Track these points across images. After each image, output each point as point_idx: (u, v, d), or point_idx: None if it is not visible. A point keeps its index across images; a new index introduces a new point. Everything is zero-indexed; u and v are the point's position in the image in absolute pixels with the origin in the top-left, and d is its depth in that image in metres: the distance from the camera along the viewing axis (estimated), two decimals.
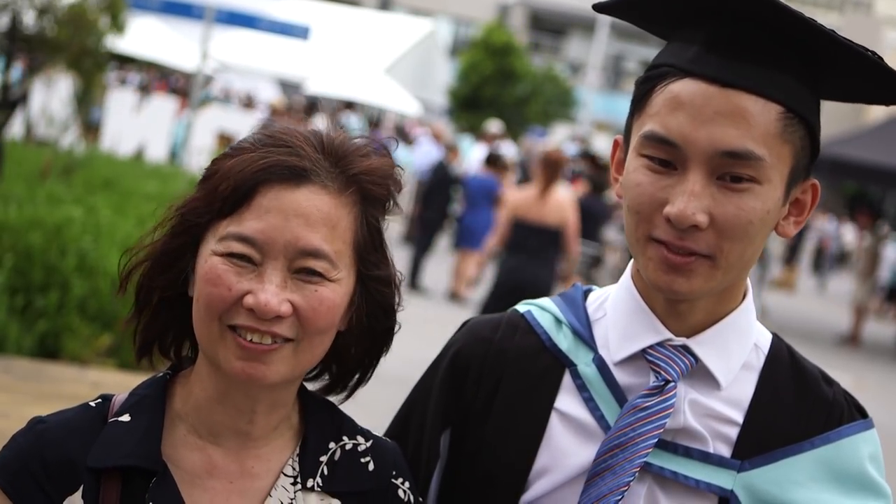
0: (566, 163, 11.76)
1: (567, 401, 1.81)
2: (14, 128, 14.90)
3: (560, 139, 31.07)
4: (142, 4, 15.47)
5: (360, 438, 1.77)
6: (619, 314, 1.82)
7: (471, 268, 15.10)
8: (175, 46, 23.36)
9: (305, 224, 1.61)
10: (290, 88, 27.72)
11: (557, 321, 1.88)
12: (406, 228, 18.84)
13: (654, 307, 1.78)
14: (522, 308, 1.94)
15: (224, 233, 1.61)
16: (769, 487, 1.73)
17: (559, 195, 9.97)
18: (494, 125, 22.61)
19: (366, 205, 1.69)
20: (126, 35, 14.29)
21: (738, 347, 1.79)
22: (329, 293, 1.63)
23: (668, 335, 1.77)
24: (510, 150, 22.39)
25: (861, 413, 1.82)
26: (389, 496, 1.75)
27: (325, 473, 1.71)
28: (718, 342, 1.77)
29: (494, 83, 38.66)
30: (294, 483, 1.69)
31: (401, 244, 17.94)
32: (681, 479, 1.73)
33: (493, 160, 16.44)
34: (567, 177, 18.32)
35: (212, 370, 1.66)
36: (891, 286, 24.99)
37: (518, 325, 1.90)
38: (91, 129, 19.24)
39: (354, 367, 1.79)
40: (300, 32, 16.69)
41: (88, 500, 1.61)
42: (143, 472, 1.62)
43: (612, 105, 43.90)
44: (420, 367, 1.99)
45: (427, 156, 20.10)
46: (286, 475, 1.69)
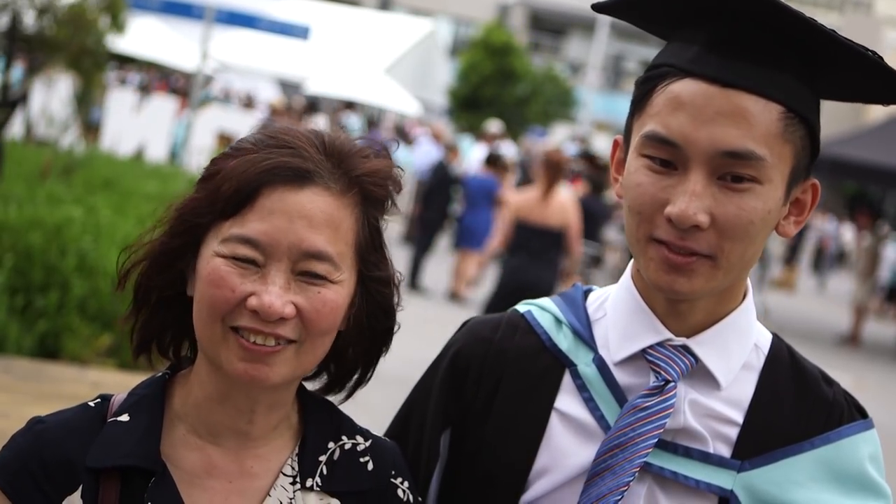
0: (568, 164, 11.79)
1: (567, 401, 1.81)
2: (14, 128, 14.89)
3: (560, 139, 31.05)
4: (142, 4, 15.47)
5: (360, 438, 1.77)
6: (620, 314, 1.82)
7: (471, 268, 15.11)
8: (175, 46, 23.35)
9: (309, 226, 1.61)
10: (290, 88, 27.71)
11: (557, 321, 1.88)
12: (406, 228, 18.83)
13: (655, 307, 1.78)
14: (522, 308, 1.93)
15: (227, 234, 1.61)
16: (769, 487, 1.73)
17: (561, 197, 10.00)
18: (494, 125, 22.61)
19: (367, 206, 1.69)
20: (126, 35, 14.29)
21: (739, 347, 1.79)
22: (332, 295, 1.63)
23: (668, 335, 1.77)
24: (510, 150, 22.39)
25: (861, 413, 1.82)
26: (388, 496, 1.75)
27: (325, 473, 1.70)
28: (718, 342, 1.77)
29: (494, 83, 38.64)
30: (293, 483, 1.69)
31: (401, 244, 17.94)
32: (681, 480, 1.73)
33: (493, 160, 16.45)
34: (566, 177, 18.32)
35: (212, 370, 1.66)
36: (891, 286, 24.99)
37: (518, 325, 1.90)
38: (91, 129, 19.23)
39: (353, 368, 1.79)
40: (300, 32, 16.69)
41: (87, 500, 1.61)
42: (142, 472, 1.62)
43: (612, 105, 43.89)
44: (420, 367, 1.99)
45: (427, 156, 20.10)
46: (285, 475, 1.69)
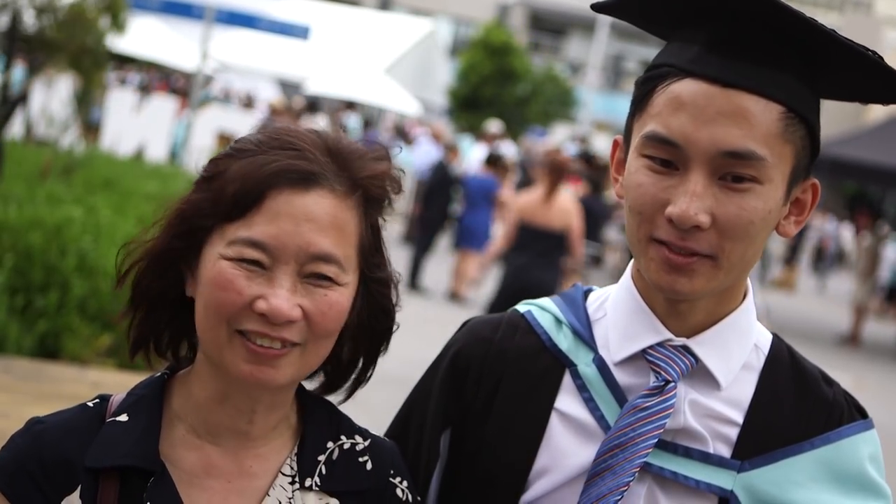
0: (570, 166, 11.84)
1: (567, 401, 1.81)
2: (14, 128, 14.89)
3: (560, 139, 31.05)
4: (142, 4, 15.45)
5: (358, 438, 1.77)
6: (620, 314, 1.82)
7: (471, 268, 15.11)
8: (175, 46, 23.33)
9: (316, 229, 1.61)
10: (290, 88, 27.69)
11: (557, 321, 1.88)
12: (406, 228, 18.83)
13: (655, 307, 1.78)
14: (522, 308, 1.93)
15: (233, 237, 1.60)
16: (769, 488, 1.73)
17: (564, 199, 10.06)
18: (494, 125, 22.61)
19: (369, 207, 1.69)
20: (126, 35, 14.28)
21: (739, 348, 1.79)
22: (338, 297, 1.63)
23: (669, 335, 1.76)
24: (510, 150, 22.39)
25: (861, 413, 1.82)
26: (387, 495, 1.75)
27: (323, 473, 1.70)
28: (718, 342, 1.77)
29: (493, 83, 38.64)
30: (292, 482, 1.69)
31: (401, 244, 17.94)
32: (681, 480, 1.73)
33: (493, 160, 16.46)
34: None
35: (213, 371, 1.66)
36: (891, 286, 24.99)
37: (518, 325, 1.90)
38: (91, 129, 19.23)
39: (352, 368, 1.79)
40: (300, 32, 16.68)
41: (86, 500, 1.61)
42: (141, 472, 1.62)
43: (612, 105, 43.90)
44: (420, 367, 1.99)
45: (427, 156, 20.11)
46: (284, 474, 1.69)
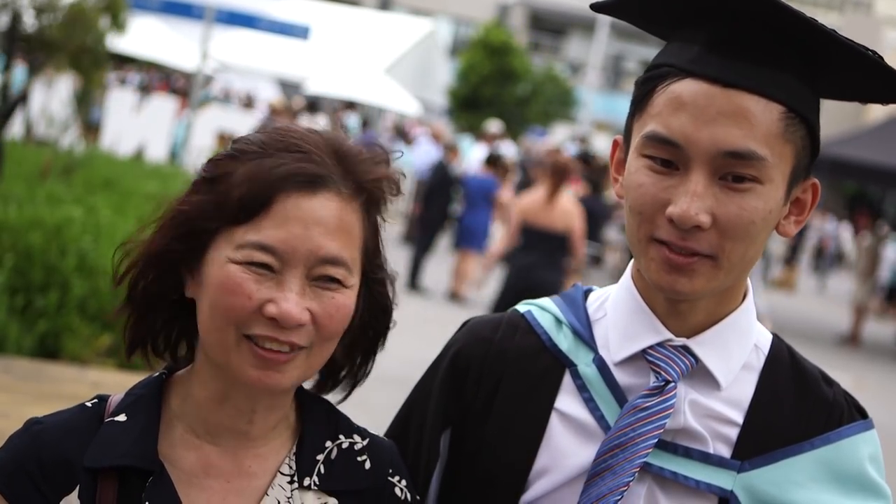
0: (573, 169, 11.91)
1: (567, 401, 1.81)
2: (14, 128, 14.89)
3: (560, 139, 31.05)
4: (142, 4, 15.44)
5: (357, 437, 1.77)
6: (620, 314, 1.82)
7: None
8: (175, 46, 23.32)
9: (325, 232, 1.61)
10: (290, 88, 27.68)
11: (558, 321, 1.88)
12: (406, 228, 18.83)
13: (655, 307, 1.78)
14: (522, 308, 1.93)
15: (242, 241, 1.59)
16: (769, 488, 1.72)
17: (566, 201, 10.14)
18: (494, 125, 22.61)
19: (371, 209, 1.69)
20: (126, 35, 14.28)
21: (739, 348, 1.79)
22: (345, 300, 1.64)
23: (669, 335, 1.76)
24: (510, 150, 22.39)
25: (861, 414, 1.82)
26: (386, 494, 1.75)
27: (322, 472, 1.70)
28: (719, 343, 1.77)
29: (493, 83, 38.63)
30: (291, 482, 1.69)
31: (401, 244, 17.93)
32: (681, 480, 1.73)
33: (493, 160, 16.48)
34: None
35: (214, 372, 1.66)
36: (891, 286, 24.98)
37: (518, 325, 1.90)
38: (91, 129, 19.23)
39: (347, 366, 1.79)
40: (300, 32, 16.67)
41: (85, 500, 1.60)
42: (140, 472, 1.62)
43: (612, 105, 43.89)
44: (420, 367, 1.99)
45: (426, 155, 20.11)
46: (283, 474, 1.69)
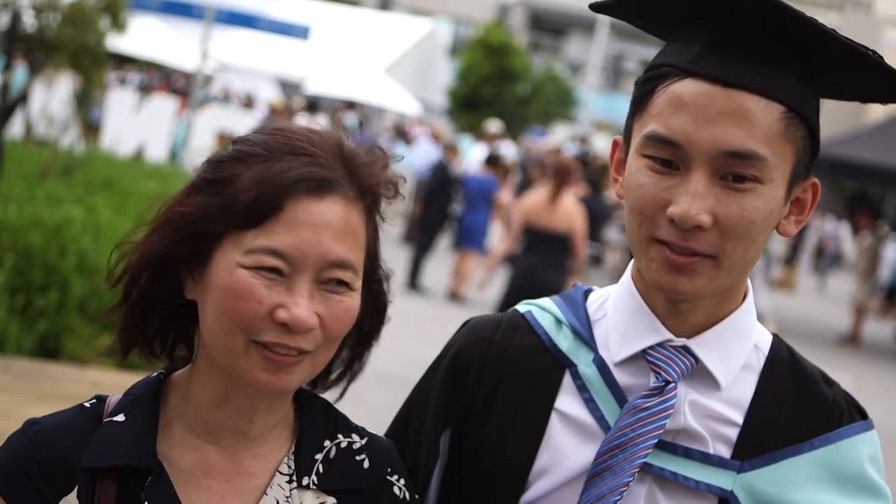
0: (576, 170, 11.96)
1: (567, 401, 1.81)
2: (14, 128, 14.89)
3: (560, 139, 31.05)
4: (142, 4, 15.44)
5: (355, 436, 1.77)
6: (620, 314, 1.82)
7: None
8: (175, 46, 23.32)
9: (334, 236, 1.60)
10: (290, 88, 27.67)
11: (558, 321, 1.88)
12: (406, 228, 18.83)
13: (655, 308, 1.78)
14: (523, 308, 1.93)
15: (252, 246, 1.59)
16: (769, 488, 1.72)
17: (568, 202, 10.19)
18: (494, 125, 22.61)
19: (373, 210, 1.69)
20: (126, 35, 14.29)
21: (739, 348, 1.79)
22: (352, 302, 1.64)
23: (669, 336, 1.76)
24: (510, 150, 22.39)
25: (861, 414, 1.82)
26: (385, 493, 1.75)
27: (321, 471, 1.70)
28: (719, 343, 1.77)
29: (493, 83, 38.62)
30: (289, 481, 1.69)
31: (401, 244, 17.94)
32: (680, 480, 1.73)
33: (493, 160, 16.49)
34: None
35: (215, 373, 1.65)
36: (891, 286, 24.98)
37: (518, 326, 1.90)
38: (91, 129, 19.24)
39: (346, 364, 1.79)
40: (300, 32, 16.67)
41: (84, 501, 1.60)
42: (139, 472, 1.62)
43: (612, 105, 43.90)
44: (420, 367, 1.99)
45: (426, 155, 20.11)
46: (282, 473, 1.69)
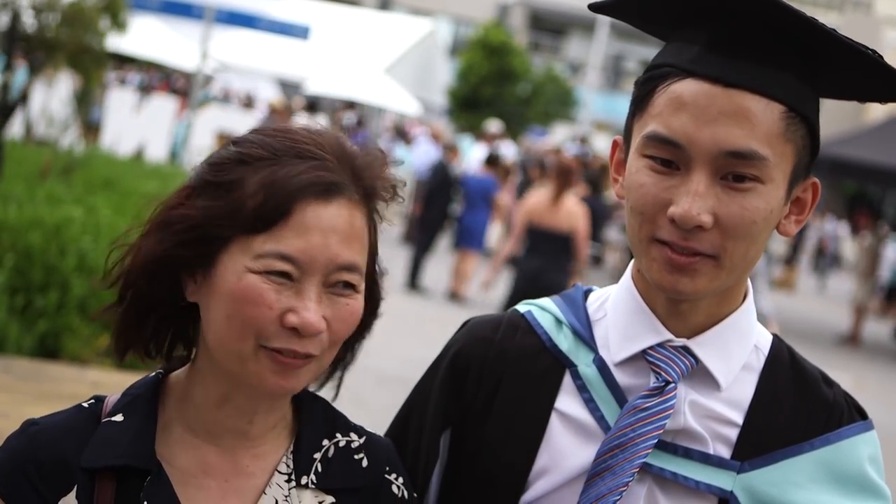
0: (579, 170, 12.04)
1: (567, 401, 1.81)
2: (14, 128, 14.90)
3: (560, 139, 31.05)
4: (142, 4, 15.45)
5: (354, 435, 1.77)
6: (620, 315, 1.82)
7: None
8: (175, 46, 23.32)
9: (342, 240, 1.61)
10: (290, 88, 27.67)
11: (558, 321, 1.88)
12: (406, 228, 18.83)
13: (655, 308, 1.78)
14: (523, 308, 1.93)
15: (261, 251, 1.58)
16: (769, 489, 1.72)
17: (571, 202, 10.25)
18: (494, 125, 22.61)
19: (374, 212, 1.70)
20: (126, 35, 14.29)
21: (739, 348, 1.78)
22: (357, 305, 1.64)
23: (669, 336, 1.76)
24: (510, 151, 22.38)
25: (861, 414, 1.82)
26: (383, 492, 1.75)
27: (319, 470, 1.71)
28: (719, 343, 1.77)
29: (492, 83, 38.61)
30: (288, 480, 1.69)
31: (401, 244, 17.94)
32: (680, 480, 1.73)
33: (493, 161, 16.50)
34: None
35: (216, 374, 1.65)
36: (891, 286, 24.97)
37: (518, 326, 1.90)
38: (91, 129, 19.24)
39: (340, 361, 1.78)
40: (300, 32, 16.68)
41: (83, 501, 1.60)
42: (138, 472, 1.62)
43: (612, 105, 43.89)
44: (420, 367, 1.99)
45: (426, 155, 20.12)
46: (280, 472, 1.69)
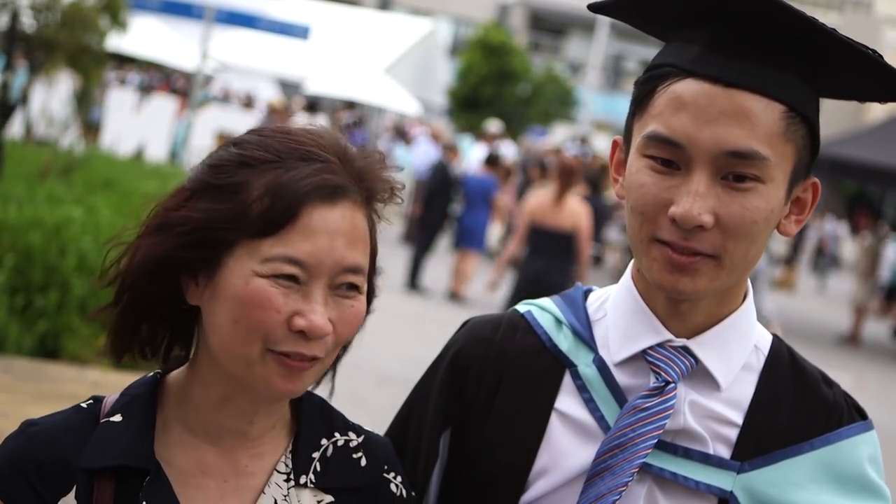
0: (581, 170, 12.08)
1: (567, 401, 1.81)
2: (14, 128, 14.90)
3: (560, 139, 31.04)
4: (142, 4, 15.45)
5: (352, 434, 1.77)
6: (620, 315, 1.82)
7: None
8: (175, 46, 23.32)
9: (347, 242, 1.61)
10: (290, 88, 27.67)
11: (558, 321, 1.88)
12: (406, 228, 18.83)
13: (655, 308, 1.78)
14: (522, 308, 1.93)
15: (269, 255, 1.58)
16: (768, 489, 1.72)
17: (574, 201, 10.30)
18: (494, 125, 22.61)
19: (374, 213, 1.70)
20: (126, 35, 14.30)
21: (739, 349, 1.78)
22: (361, 306, 1.64)
23: (669, 336, 1.76)
24: (510, 151, 22.38)
25: (861, 415, 1.82)
26: (382, 491, 1.76)
27: (318, 470, 1.71)
28: (719, 343, 1.77)
29: (492, 83, 38.61)
30: (287, 480, 1.69)
31: (401, 244, 17.94)
32: (680, 481, 1.73)
33: (493, 161, 16.50)
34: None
35: (218, 376, 1.65)
36: (891, 286, 24.96)
37: (518, 326, 1.90)
38: (91, 129, 19.25)
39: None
40: (300, 32, 16.68)
41: (82, 501, 1.60)
42: (137, 472, 1.62)
43: (612, 105, 43.89)
44: (420, 367, 1.99)
45: (425, 155, 20.12)
46: (279, 472, 1.69)
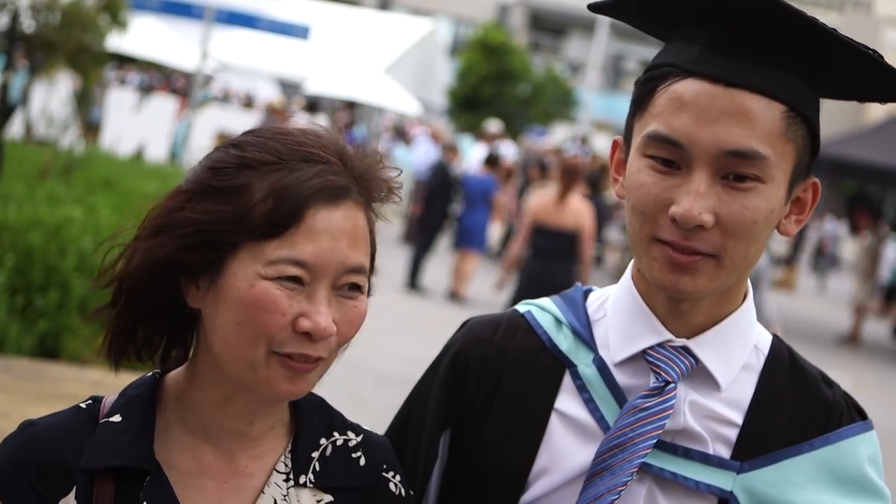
0: (583, 170, 12.12)
1: (567, 401, 1.81)
2: (14, 128, 14.91)
3: (560, 139, 31.04)
4: (142, 4, 15.45)
5: (351, 434, 1.77)
6: (620, 315, 1.82)
7: (471, 268, 15.13)
8: (175, 46, 23.32)
9: (350, 243, 1.61)
10: (290, 88, 27.67)
11: (557, 321, 1.88)
12: (406, 228, 18.83)
13: (655, 308, 1.78)
14: (522, 308, 1.93)
15: (274, 257, 1.58)
16: (768, 489, 1.72)
17: (577, 201, 10.32)
18: (494, 125, 22.61)
19: (373, 213, 1.70)
20: (126, 35, 14.30)
21: (739, 349, 1.78)
22: (363, 305, 1.65)
23: (669, 336, 1.76)
24: (510, 151, 22.38)
25: (861, 415, 1.82)
26: (381, 490, 1.76)
27: (317, 469, 1.71)
28: (719, 343, 1.77)
29: (492, 83, 38.61)
30: (286, 480, 1.69)
31: (401, 244, 17.94)
32: (680, 480, 1.73)
33: (493, 161, 16.51)
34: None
35: (219, 378, 1.65)
36: (891, 286, 24.96)
37: (518, 326, 1.90)
38: (91, 129, 19.26)
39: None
40: (300, 32, 16.69)
41: (82, 502, 1.60)
42: (137, 472, 1.62)
43: (612, 105, 43.90)
44: (420, 367, 1.99)
45: (425, 155, 20.13)
46: (278, 472, 1.69)
